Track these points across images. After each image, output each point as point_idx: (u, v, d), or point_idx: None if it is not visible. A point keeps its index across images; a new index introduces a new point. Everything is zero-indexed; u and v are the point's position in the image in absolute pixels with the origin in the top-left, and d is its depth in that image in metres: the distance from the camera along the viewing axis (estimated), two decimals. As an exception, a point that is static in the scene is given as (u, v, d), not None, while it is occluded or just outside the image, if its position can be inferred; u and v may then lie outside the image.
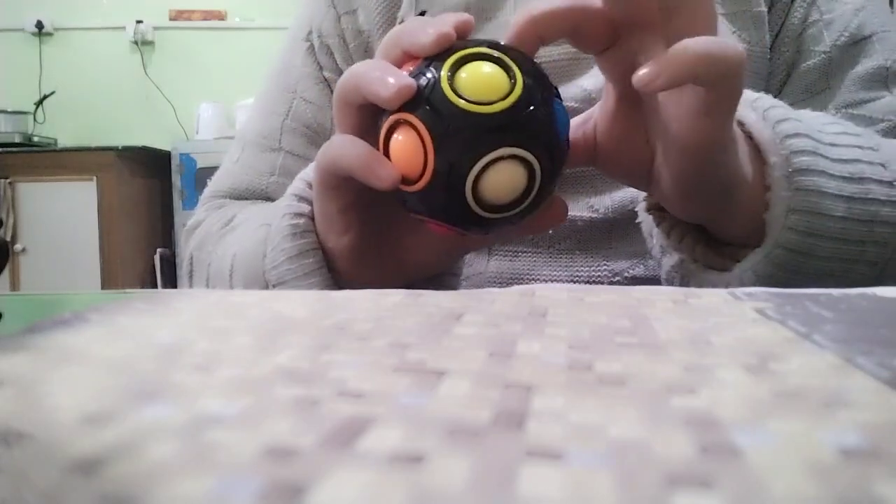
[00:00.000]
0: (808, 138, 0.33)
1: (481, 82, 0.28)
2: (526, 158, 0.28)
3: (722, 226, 0.36)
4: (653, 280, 0.47)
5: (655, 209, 0.39)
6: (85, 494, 0.09)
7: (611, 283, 0.48)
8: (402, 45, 0.31)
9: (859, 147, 0.35)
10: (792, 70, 0.52)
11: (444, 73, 0.28)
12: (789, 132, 0.33)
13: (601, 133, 0.35)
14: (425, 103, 0.28)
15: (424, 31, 0.30)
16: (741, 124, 0.35)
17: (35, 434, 0.12)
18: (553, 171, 0.30)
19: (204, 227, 0.54)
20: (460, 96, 0.28)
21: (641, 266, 0.48)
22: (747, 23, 0.51)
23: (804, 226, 0.32)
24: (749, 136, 0.35)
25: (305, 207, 0.37)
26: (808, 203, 0.32)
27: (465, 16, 0.31)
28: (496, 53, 0.29)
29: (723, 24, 0.51)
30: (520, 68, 0.29)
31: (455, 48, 0.29)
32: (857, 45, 0.51)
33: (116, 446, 0.11)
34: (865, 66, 0.50)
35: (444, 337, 0.18)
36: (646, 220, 0.40)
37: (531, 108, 0.28)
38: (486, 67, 0.29)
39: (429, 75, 0.29)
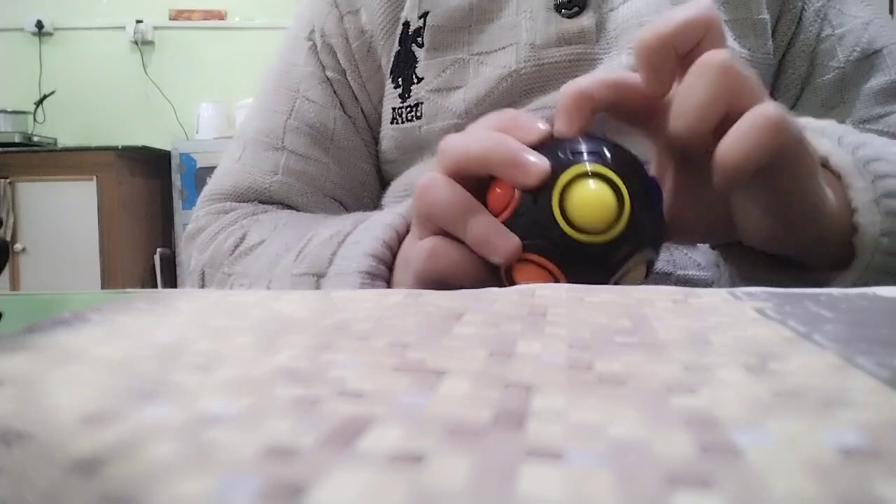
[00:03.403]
0: (886, 162, 0.34)
1: (593, 210, 0.29)
2: (646, 257, 0.31)
3: (810, 252, 0.36)
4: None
5: (721, 246, 0.39)
6: (85, 494, 0.09)
7: None
8: (506, 173, 0.31)
9: None
10: (806, 85, 0.52)
11: (554, 203, 0.30)
12: (870, 157, 0.34)
13: (672, 208, 0.35)
14: (545, 240, 0.30)
15: (526, 164, 0.30)
16: None
17: (35, 434, 0.12)
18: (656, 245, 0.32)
19: (209, 239, 0.53)
20: (576, 228, 0.29)
21: None
22: (747, 30, 0.51)
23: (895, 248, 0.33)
24: (824, 164, 0.35)
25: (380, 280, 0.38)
26: None
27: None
28: (597, 169, 0.30)
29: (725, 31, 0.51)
30: (620, 176, 0.30)
31: (554, 169, 0.30)
32: (868, 59, 0.51)
33: (116, 446, 0.11)
34: (878, 80, 0.51)
35: (444, 337, 0.18)
36: (709, 252, 0.41)
37: (641, 220, 0.30)
38: (592, 189, 0.30)
39: (540, 204, 0.30)
